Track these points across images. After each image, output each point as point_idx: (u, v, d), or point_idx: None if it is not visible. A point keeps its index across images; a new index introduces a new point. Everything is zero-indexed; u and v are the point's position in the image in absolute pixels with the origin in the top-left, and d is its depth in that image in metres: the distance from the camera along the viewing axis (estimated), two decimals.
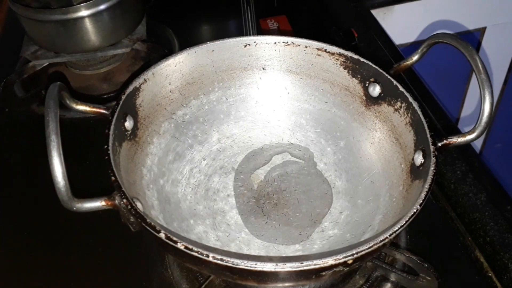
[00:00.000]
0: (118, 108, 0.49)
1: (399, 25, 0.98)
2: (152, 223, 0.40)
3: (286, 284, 0.43)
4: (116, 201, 0.42)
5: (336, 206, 0.56)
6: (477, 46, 1.11)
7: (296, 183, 0.58)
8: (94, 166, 0.64)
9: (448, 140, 0.48)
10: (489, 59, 1.12)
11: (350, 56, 0.55)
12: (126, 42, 0.78)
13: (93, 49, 0.76)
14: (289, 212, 0.55)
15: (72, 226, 0.58)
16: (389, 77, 0.52)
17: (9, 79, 0.77)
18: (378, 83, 0.54)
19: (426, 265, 0.46)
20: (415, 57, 0.54)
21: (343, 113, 0.59)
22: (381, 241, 0.39)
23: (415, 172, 0.49)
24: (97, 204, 0.42)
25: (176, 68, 0.56)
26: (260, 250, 0.52)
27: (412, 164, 0.49)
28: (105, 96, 0.76)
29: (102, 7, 0.71)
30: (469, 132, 0.48)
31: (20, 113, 0.74)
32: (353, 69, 0.56)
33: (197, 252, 0.38)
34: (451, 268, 0.54)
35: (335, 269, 0.39)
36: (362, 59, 0.55)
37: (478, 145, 1.23)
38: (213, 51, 0.57)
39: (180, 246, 0.38)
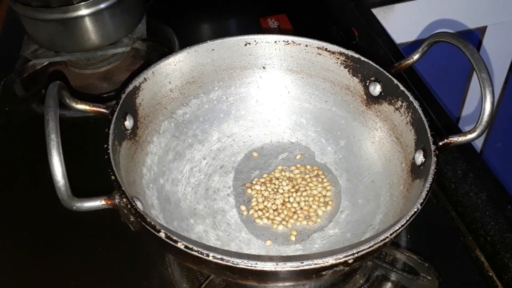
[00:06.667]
0: (118, 107, 0.49)
1: (400, 24, 0.98)
2: (152, 223, 0.40)
3: (287, 284, 0.43)
4: (116, 200, 0.42)
5: (336, 206, 0.55)
6: (478, 45, 1.11)
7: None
8: (94, 165, 0.64)
9: (449, 139, 0.48)
10: (490, 58, 1.12)
11: (351, 55, 0.55)
12: (126, 41, 0.78)
13: (93, 48, 0.76)
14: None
15: (72, 226, 0.58)
16: (389, 76, 0.52)
17: (9, 78, 0.76)
18: (379, 82, 0.54)
19: (427, 265, 0.46)
20: (415, 56, 0.54)
21: (343, 112, 0.59)
22: (381, 240, 0.39)
23: (416, 171, 0.49)
24: (97, 203, 0.42)
25: (176, 67, 0.56)
26: (260, 249, 0.52)
27: (413, 163, 0.49)
28: (105, 95, 0.76)
29: (102, 6, 0.71)
30: (470, 131, 0.47)
31: (20, 112, 0.74)
32: (354, 68, 0.56)
33: (197, 251, 0.38)
34: (451, 268, 0.54)
35: (335, 268, 0.38)
36: (362, 58, 0.54)
37: (479, 144, 1.23)
38: (213, 50, 0.57)
39: (180, 245, 0.38)
